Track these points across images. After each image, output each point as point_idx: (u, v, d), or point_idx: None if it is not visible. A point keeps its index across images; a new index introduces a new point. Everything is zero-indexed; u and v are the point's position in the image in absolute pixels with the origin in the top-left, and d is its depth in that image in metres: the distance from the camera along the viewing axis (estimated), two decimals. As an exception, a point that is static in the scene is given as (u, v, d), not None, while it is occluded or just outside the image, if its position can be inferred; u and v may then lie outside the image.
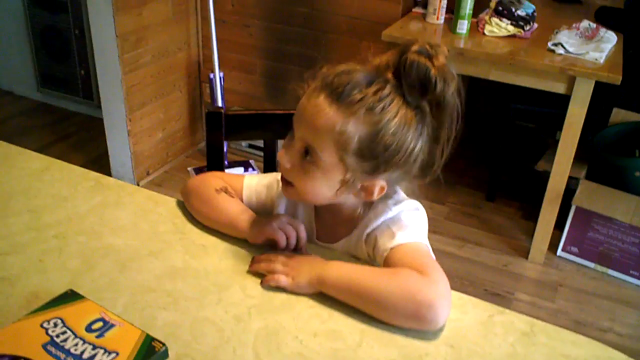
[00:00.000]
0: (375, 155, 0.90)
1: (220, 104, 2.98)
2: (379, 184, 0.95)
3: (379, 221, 1.00)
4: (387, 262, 0.95)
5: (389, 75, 0.90)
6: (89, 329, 0.79)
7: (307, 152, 0.92)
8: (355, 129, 0.88)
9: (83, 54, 3.37)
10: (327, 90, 0.89)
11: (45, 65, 3.58)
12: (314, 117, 0.90)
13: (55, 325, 0.79)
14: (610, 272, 2.52)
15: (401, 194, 1.04)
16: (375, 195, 0.96)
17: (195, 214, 1.10)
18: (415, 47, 0.88)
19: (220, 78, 2.94)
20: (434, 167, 0.97)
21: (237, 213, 1.04)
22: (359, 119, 0.88)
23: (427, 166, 0.96)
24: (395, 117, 0.88)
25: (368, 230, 1.01)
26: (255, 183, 1.13)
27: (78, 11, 3.24)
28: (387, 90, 0.88)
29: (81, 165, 1.25)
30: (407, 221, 0.99)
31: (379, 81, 0.89)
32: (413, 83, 0.88)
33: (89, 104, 3.54)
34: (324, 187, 0.95)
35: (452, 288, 0.88)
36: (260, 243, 1.01)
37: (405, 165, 0.93)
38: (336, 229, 1.06)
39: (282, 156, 0.95)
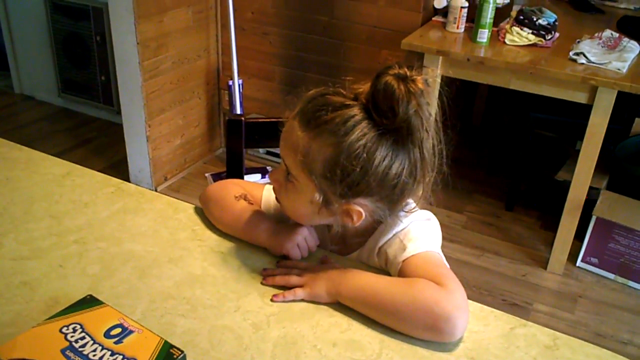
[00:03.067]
0: (343, 178, 0.88)
1: (238, 111, 2.99)
2: (355, 209, 0.92)
3: (390, 234, 0.99)
4: (401, 274, 0.94)
5: (362, 100, 0.89)
6: (107, 334, 0.79)
7: (289, 173, 0.94)
8: (318, 150, 0.88)
9: (104, 61, 3.40)
10: (300, 115, 0.91)
11: (67, 71, 3.62)
12: (287, 139, 0.93)
13: (74, 330, 0.79)
14: (631, 283, 2.49)
15: (412, 204, 1.01)
16: (355, 221, 0.93)
17: (214, 221, 1.09)
18: (392, 71, 0.85)
19: (239, 85, 2.95)
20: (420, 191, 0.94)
21: (256, 221, 1.04)
22: (324, 141, 0.88)
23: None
24: (361, 139, 0.85)
25: (380, 244, 1.00)
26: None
27: (99, 18, 3.28)
28: (353, 113, 0.87)
29: (100, 170, 1.25)
30: (418, 232, 0.98)
31: (349, 105, 0.88)
32: (380, 105, 0.85)
33: (109, 109, 3.57)
34: (304, 208, 0.95)
35: (470, 298, 0.87)
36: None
37: (381, 190, 0.90)
38: (348, 241, 1.05)
39: (271, 175, 0.99)
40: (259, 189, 1.13)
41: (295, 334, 0.86)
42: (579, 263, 2.59)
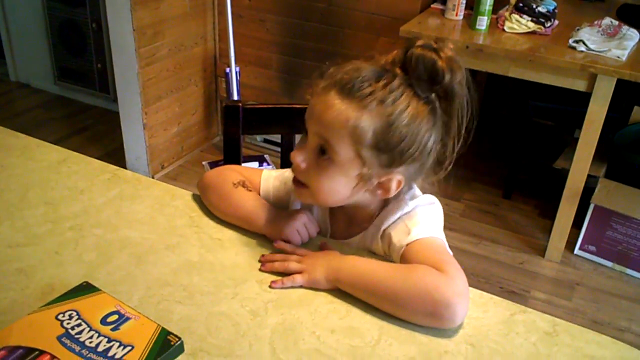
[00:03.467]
0: (391, 148, 0.89)
1: (236, 98, 2.97)
2: (396, 178, 0.93)
3: (395, 216, 0.99)
4: (403, 259, 0.94)
5: (397, 70, 0.90)
6: (104, 321, 0.78)
7: (323, 151, 0.92)
8: (369, 122, 0.87)
9: (100, 48, 3.38)
10: (337, 87, 0.89)
11: (63, 58, 3.59)
12: (327, 113, 0.89)
13: (71, 317, 0.79)
14: (629, 271, 2.49)
15: (416, 189, 1.02)
16: (393, 191, 0.95)
17: (211, 207, 1.09)
18: (420, 42, 0.89)
19: (236, 72, 2.93)
20: (446, 162, 0.96)
21: (255, 208, 1.03)
22: (372, 112, 0.87)
23: (439, 161, 0.96)
24: (407, 108, 0.88)
25: (384, 226, 0.99)
26: (273, 177, 1.12)
27: (95, 5, 3.25)
28: (396, 83, 0.88)
29: (97, 158, 1.24)
30: (423, 216, 0.98)
31: (387, 75, 0.89)
32: (421, 75, 0.88)
33: (106, 97, 3.55)
34: (341, 185, 0.94)
35: (469, 285, 0.87)
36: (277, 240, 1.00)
37: (421, 158, 0.92)
38: (351, 227, 1.05)
39: (297, 155, 0.94)
40: (257, 175, 1.12)
41: (294, 320, 0.86)
42: (576, 251, 2.59)
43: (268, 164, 3.06)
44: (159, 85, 2.81)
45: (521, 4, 2.37)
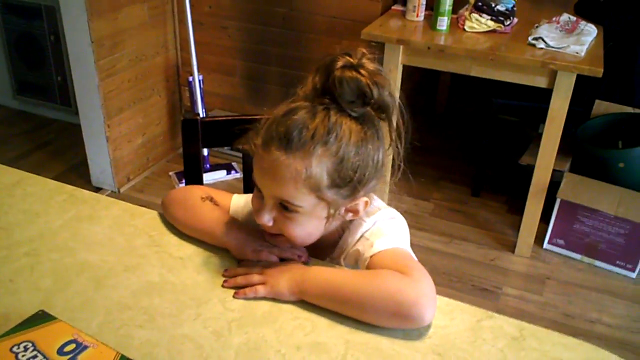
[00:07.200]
0: (349, 180, 0.88)
1: (200, 107, 2.94)
2: (362, 200, 0.94)
3: (357, 236, 0.99)
4: (369, 269, 0.93)
5: (326, 100, 0.88)
6: (61, 352, 0.76)
7: (284, 206, 0.90)
8: (319, 166, 0.86)
9: (59, 61, 3.31)
10: (277, 142, 0.86)
11: (21, 72, 3.51)
12: (276, 173, 0.87)
13: (26, 349, 0.76)
14: (597, 263, 2.52)
15: (375, 204, 1.01)
16: (362, 211, 0.95)
17: (176, 223, 1.06)
18: (339, 63, 0.87)
19: (199, 81, 2.90)
20: (396, 165, 0.95)
21: (223, 223, 1.01)
22: (319, 156, 0.85)
23: (392, 166, 0.95)
24: (351, 138, 0.87)
25: (347, 247, 1.00)
26: (243, 201, 1.09)
27: (53, 17, 3.19)
28: (332, 117, 0.86)
29: (61, 173, 1.21)
30: (384, 230, 0.98)
31: (319, 110, 0.87)
32: (349, 98, 0.86)
33: (67, 110, 3.48)
34: (313, 227, 0.94)
35: (440, 284, 0.87)
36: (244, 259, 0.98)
37: (377, 174, 0.92)
38: (316, 254, 1.03)
39: (261, 217, 0.92)
40: (226, 196, 1.10)
41: (258, 339, 0.84)
42: (545, 245, 2.61)
43: (236, 172, 3.04)
44: (120, 96, 2.76)
45: (480, 3, 2.39)
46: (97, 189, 2.86)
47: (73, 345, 0.76)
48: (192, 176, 1.29)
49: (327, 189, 0.88)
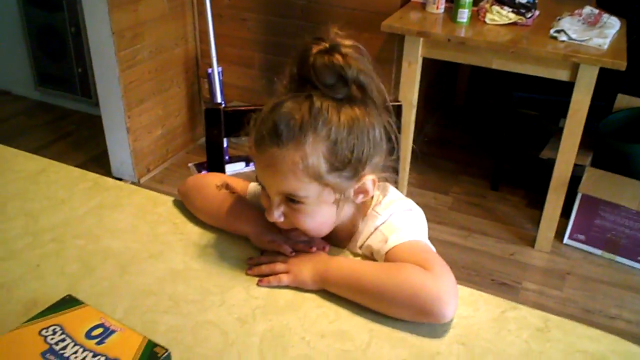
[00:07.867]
0: (348, 161, 0.88)
1: (219, 98, 2.95)
2: (369, 179, 0.93)
3: (371, 229, 0.98)
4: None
5: (307, 88, 0.88)
6: (89, 335, 0.76)
7: (291, 200, 0.90)
8: (314, 153, 0.86)
9: (80, 52, 3.34)
10: (268, 139, 0.86)
11: (43, 64, 3.55)
12: (275, 169, 0.87)
13: (54, 332, 0.77)
14: (618, 259, 2.50)
15: (391, 196, 1.01)
16: (372, 190, 0.94)
17: (195, 211, 1.07)
18: (315, 49, 0.87)
19: (218, 73, 2.91)
20: (393, 139, 0.95)
21: (240, 210, 1.02)
22: (311, 143, 0.85)
23: (389, 140, 0.95)
24: (340, 119, 0.86)
25: (362, 240, 1.00)
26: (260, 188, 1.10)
27: (73, 9, 3.21)
28: (316, 103, 0.86)
29: (81, 164, 1.22)
30: (400, 223, 0.97)
31: (302, 99, 0.87)
32: (329, 82, 0.86)
33: (88, 101, 3.51)
34: (325, 216, 0.93)
35: (459, 279, 0.85)
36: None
37: (378, 150, 0.92)
38: (333, 244, 1.03)
39: (271, 215, 0.92)
40: (242, 183, 1.10)
41: (282, 326, 0.85)
42: (566, 240, 2.59)
43: (254, 164, 3.04)
44: (140, 88, 2.78)
45: (502, -5, 2.37)
46: (118, 180, 2.88)
47: (100, 330, 0.77)
48: (215, 165, 1.30)
49: (328, 174, 0.87)
